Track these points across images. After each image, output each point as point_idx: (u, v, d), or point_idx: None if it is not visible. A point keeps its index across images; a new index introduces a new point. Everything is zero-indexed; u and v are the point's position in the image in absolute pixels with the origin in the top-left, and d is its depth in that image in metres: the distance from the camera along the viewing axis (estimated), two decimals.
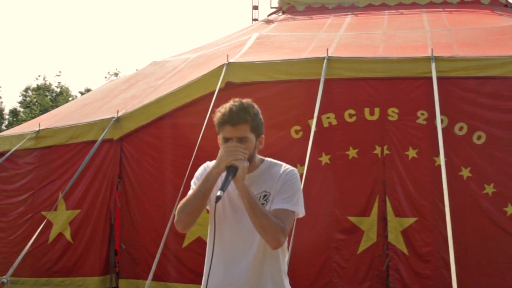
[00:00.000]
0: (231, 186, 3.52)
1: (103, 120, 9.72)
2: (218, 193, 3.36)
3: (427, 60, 8.69)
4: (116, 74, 44.29)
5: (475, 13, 12.32)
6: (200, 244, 8.97)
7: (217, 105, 8.40)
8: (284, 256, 3.76)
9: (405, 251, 8.52)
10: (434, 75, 8.44)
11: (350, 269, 8.60)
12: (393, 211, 8.58)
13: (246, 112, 3.57)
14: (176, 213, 3.60)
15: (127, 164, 9.55)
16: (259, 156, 3.75)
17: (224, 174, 3.47)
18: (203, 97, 9.17)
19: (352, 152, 8.76)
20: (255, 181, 3.65)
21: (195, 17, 78.53)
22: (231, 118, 3.53)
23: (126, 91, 11.13)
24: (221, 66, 9.21)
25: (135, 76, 12.41)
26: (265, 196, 3.63)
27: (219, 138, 3.62)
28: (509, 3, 13.50)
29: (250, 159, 3.59)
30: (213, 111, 8.82)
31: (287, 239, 3.68)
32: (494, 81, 8.60)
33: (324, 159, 8.78)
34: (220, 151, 3.51)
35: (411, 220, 8.56)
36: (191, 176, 8.53)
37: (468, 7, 12.83)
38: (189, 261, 9.05)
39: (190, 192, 3.63)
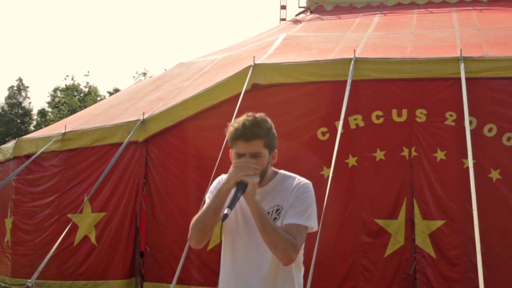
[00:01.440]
0: (244, 201, 3.47)
1: (128, 122, 9.72)
2: (225, 211, 3.32)
3: (456, 60, 8.55)
4: (144, 74, 44.54)
5: (506, 11, 12.16)
6: None
7: (243, 107, 8.47)
8: (299, 270, 3.71)
9: (433, 254, 8.39)
10: (463, 76, 8.31)
11: (377, 273, 8.49)
12: (420, 214, 8.45)
13: (260, 127, 3.51)
14: (190, 229, 3.56)
15: (152, 166, 9.53)
16: (272, 169, 3.69)
17: (234, 190, 3.43)
18: (229, 99, 9.11)
19: (379, 154, 8.65)
20: (268, 195, 3.61)
21: (223, 17, 78.67)
22: (244, 134, 3.49)
23: (152, 93, 11.13)
24: (248, 68, 9.14)
25: (162, 77, 12.42)
26: (277, 210, 3.58)
27: (231, 152, 3.58)
28: None
29: (263, 174, 3.54)
30: (239, 113, 8.76)
31: (302, 253, 3.63)
32: None
33: (351, 161, 8.68)
34: (231, 167, 3.47)
35: (439, 223, 8.43)
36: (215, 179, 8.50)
37: (499, 6, 12.68)
38: (214, 264, 8.98)
39: (203, 207, 3.58)
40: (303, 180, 3.65)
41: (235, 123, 3.55)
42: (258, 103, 8.89)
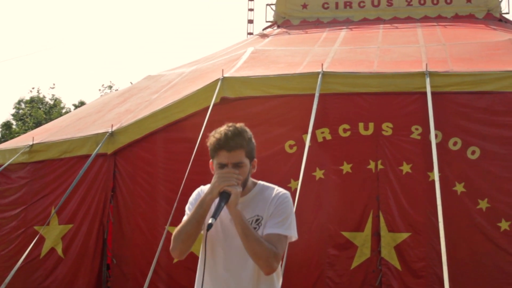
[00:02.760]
0: (224, 212, 3.51)
1: (97, 134, 9.67)
2: (210, 221, 3.37)
3: (422, 75, 8.69)
4: (110, 87, 44.25)
5: (469, 27, 12.39)
6: (192, 260, 8.82)
7: (211, 120, 8.51)
8: (279, 279, 3.76)
9: (398, 266, 8.49)
10: (428, 90, 8.45)
11: (344, 285, 8.55)
12: (386, 226, 8.55)
13: (242, 137, 3.56)
14: (172, 240, 3.59)
15: (120, 178, 9.49)
16: (252, 180, 3.74)
17: (217, 200, 3.47)
18: (198, 112, 9.13)
19: (346, 167, 8.75)
20: (248, 205, 3.65)
21: (189, 31, 78.62)
22: (226, 144, 3.53)
23: (120, 105, 11.10)
24: (216, 81, 9.19)
25: (130, 90, 12.39)
26: (257, 220, 3.63)
27: (212, 163, 3.62)
28: (503, 17, 13.58)
29: (244, 183, 3.58)
30: (207, 126, 8.81)
31: (280, 263, 3.66)
32: (489, 96, 8.60)
33: (318, 174, 8.76)
34: (213, 178, 3.52)
35: (405, 235, 8.54)
36: (184, 192, 8.52)
37: (462, 22, 12.93)
38: (180, 277, 8.97)
39: (184, 219, 3.63)
40: (282, 190, 3.72)
41: (216, 134, 3.58)
42: (227, 116, 8.80)
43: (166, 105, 9.46)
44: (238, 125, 3.61)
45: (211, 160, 3.63)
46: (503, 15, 13.81)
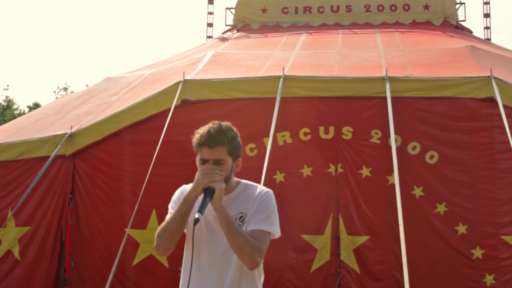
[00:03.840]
0: (208, 208, 3.54)
1: (56, 135, 9.55)
2: (196, 216, 3.41)
3: (382, 80, 8.80)
4: (65, 89, 43.79)
5: (427, 34, 12.56)
6: (151, 262, 8.91)
7: (172, 122, 8.48)
8: (261, 276, 3.83)
9: (357, 269, 8.57)
10: (388, 95, 8.56)
11: None
12: (345, 229, 8.64)
13: (224, 134, 3.63)
14: (156, 238, 3.61)
15: (79, 180, 9.39)
16: (235, 178, 3.80)
17: (201, 197, 3.51)
18: (159, 114, 9.11)
19: (306, 170, 8.80)
20: (232, 203, 3.70)
21: (148, 33, 78.18)
22: (208, 140, 3.60)
23: (79, 107, 10.99)
24: (177, 83, 9.18)
25: (89, 91, 12.28)
26: (241, 217, 3.69)
27: (197, 159, 3.66)
28: (460, 25, 13.81)
29: (227, 181, 3.64)
30: (169, 128, 8.77)
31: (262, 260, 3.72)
32: (447, 101, 8.76)
33: (279, 177, 8.79)
34: (197, 174, 3.56)
35: (364, 238, 8.63)
36: (146, 194, 8.48)
37: (420, 28, 13.11)
38: (139, 278, 8.96)
39: (168, 216, 3.66)
40: (266, 188, 3.80)
41: (200, 130, 3.66)
42: (188, 119, 8.94)
43: (127, 107, 9.40)
44: (223, 123, 3.70)
45: (196, 157, 3.68)
46: (460, 22, 14.04)
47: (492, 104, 8.58)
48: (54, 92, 45.02)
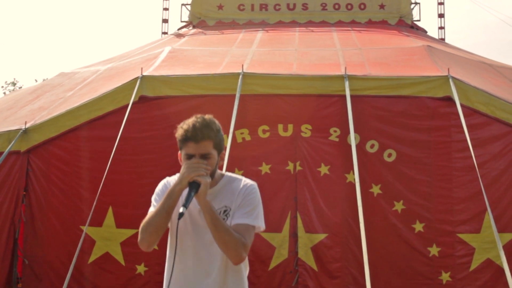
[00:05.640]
0: (192, 203, 3.50)
1: (9, 131, 9.36)
2: (181, 210, 3.36)
3: (341, 78, 8.83)
4: (13, 84, 43.07)
5: (383, 33, 12.65)
6: (107, 260, 8.82)
7: (130, 118, 8.38)
8: (246, 269, 3.79)
9: (315, 267, 8.60)
10: (347, 93, 8.58)
11: (261, 285, 8.61)
12: (303, 227, 8.66)
13: (210, 128, 3.58)
14: (140, 232, 3.56)
15: (33, 177, 9.21)
16: (219, 171, 3.75)
17: (186, 191, 3.46)
18: (116, 110, 9.00)
19: (265, 168, 8.80)
20: (216, 196, 3.66)
21: (101, 28, 77.37)
22: (194, 135, 3.54)
23: (33, 102, 10.79)
24: (135, 79, 9.08)
25: (42, 86, 12.07)
26: (225, 211, 3.65)
27: (180, 154, 3.61)
28: (415, 24, 13.95)
29: (212, 175, 3.59)
30: (126, 125, 8.65)
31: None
32: (405, 100, 8.83)
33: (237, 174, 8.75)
34: (182, 168, 3.51)
35: (321, 236, 8.66)
36: (102, 191, 8.33)
37: (376, 27, 13.18)
38: (95, 277, 8.85)
39: (151, 210, 3.61)
40: (250, 181, 3.75)
41: (184, 125, 3.59)
42: (145, 115, 8.88)
43: (83, 103, 9.25)
44: (207, 116, 3.64)
45: (179, 152, 3.61)
46: (415, 22, 14.17)
47: (449, 103, 8.67)
48: (2, 87, 44.19)
